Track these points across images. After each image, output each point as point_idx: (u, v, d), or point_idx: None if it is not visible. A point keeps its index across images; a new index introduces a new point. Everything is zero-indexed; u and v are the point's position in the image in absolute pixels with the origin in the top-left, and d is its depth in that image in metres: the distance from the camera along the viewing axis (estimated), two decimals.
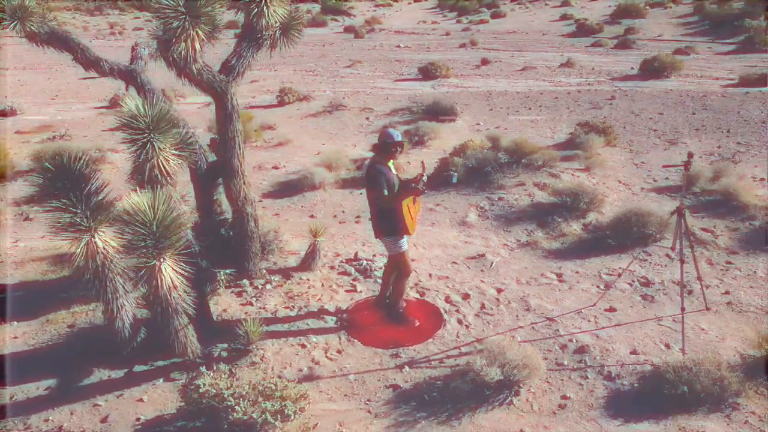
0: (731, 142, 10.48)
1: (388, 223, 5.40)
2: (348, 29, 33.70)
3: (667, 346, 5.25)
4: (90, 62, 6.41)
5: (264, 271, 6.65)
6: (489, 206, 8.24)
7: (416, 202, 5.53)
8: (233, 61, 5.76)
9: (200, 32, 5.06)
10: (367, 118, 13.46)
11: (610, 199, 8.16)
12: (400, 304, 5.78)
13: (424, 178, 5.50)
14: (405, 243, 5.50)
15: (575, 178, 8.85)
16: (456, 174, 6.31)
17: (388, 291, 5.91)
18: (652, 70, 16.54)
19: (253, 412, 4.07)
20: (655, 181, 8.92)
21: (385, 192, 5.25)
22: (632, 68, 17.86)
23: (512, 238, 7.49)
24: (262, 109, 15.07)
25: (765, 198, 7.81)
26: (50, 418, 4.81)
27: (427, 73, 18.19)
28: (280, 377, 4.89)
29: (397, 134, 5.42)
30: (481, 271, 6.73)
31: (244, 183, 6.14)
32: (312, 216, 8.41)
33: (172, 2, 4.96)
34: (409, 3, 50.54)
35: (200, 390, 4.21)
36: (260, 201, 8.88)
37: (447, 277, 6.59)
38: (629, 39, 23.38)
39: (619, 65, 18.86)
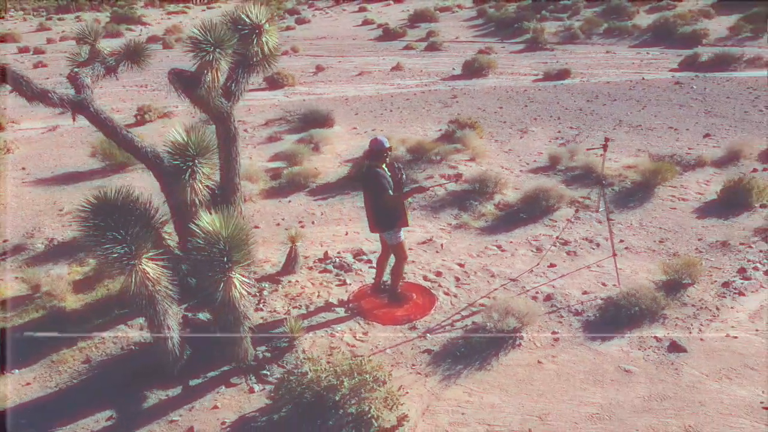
0: (565, 127, 12.99)
1: (389, 218, 6.37)
2: (153, 39, 32.35)
3: (604, 284, 6.98)
4: (36, 95, 6.38)
5: (253, 280, 7.15)
6: (411, 199, 9.48)
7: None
8: (232, 87, 6.24)
9: (225, 63, 5.56)
10: (245, 130, 13.86)
11: (504, 181, 9.89)
12: (400, 286, 6.79)
13: (404, 176, 6.58)
14: (402, 234, 6.52)
15: (469, 167, 10.47)
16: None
17: (383, 277, 6.90)
18: (473, 69, 19.08)
19: (356, 384, 4.85)
20: (527, 164, 10.90)
21: (390, 192, 6.23)
22: (453, 69, 20.31)
23: (444, 222, 8.82)
24: None
25: (614, 168, 10.12)
26: None
27: (274, 82, 18.80)
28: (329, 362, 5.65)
29: (386, 141, 6.39)
30: (437, 252, 7.96)
31: (242, 200, 6.63)
32: (256, 227, 8.89)
33: (205, 37, 5.40)
34: (203, 10, 49.62)
35: (308, 377, 4.86)
36: None
37: (413, 261, 7.69)
38: (437, 42, 26.13)
39: (440, 66, 21.24)
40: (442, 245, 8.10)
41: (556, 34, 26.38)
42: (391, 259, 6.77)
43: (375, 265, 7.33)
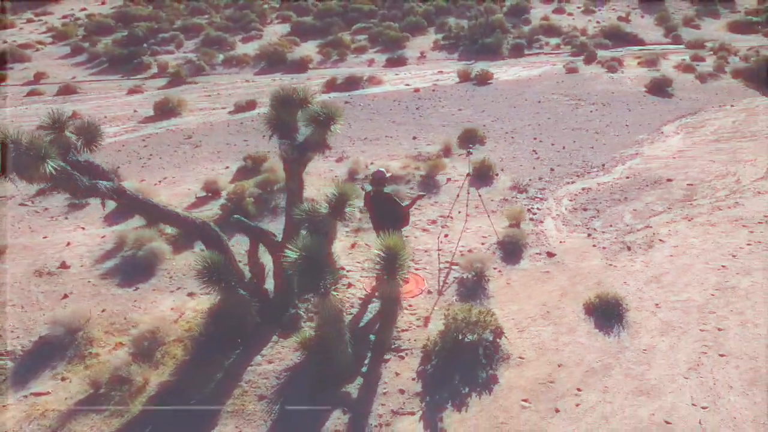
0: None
1: (398, 224, 9.08)
2: None
3: (484, 236, 11.11)
4: (87, 189, 7.02)
5: None
6: None
7: None
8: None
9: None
10: (23, 204, 12.67)
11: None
12: None
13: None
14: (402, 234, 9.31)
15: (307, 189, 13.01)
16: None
17: None
18: (167, 110, 20.12)
19: (483, 315, 7.83)
20: (333, 179, 14.01)
21: (403, 204, 8.97)
22: (136, 111, 20.81)
23: (343, 231, 11.44)
24: None
25: (396, 169, 14.21)
26: (380, 413, 6.88)
27: None
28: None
29: (385, 171, 9.05)
30: (369, 249, 10.69)
31: None
32: None
33: (323, 111, 7.22)
34: None
35: (470, 318, 7.56)
36: (137, 288, 9.44)
37: (368, 259, 10.31)
38: (71, 85, 24.99)
39: (116, 110, 21.23)
40: (366, 244, 10.86)
41: (181, 67, 28.43)
42: None
43: (351, 269, 9.77)
